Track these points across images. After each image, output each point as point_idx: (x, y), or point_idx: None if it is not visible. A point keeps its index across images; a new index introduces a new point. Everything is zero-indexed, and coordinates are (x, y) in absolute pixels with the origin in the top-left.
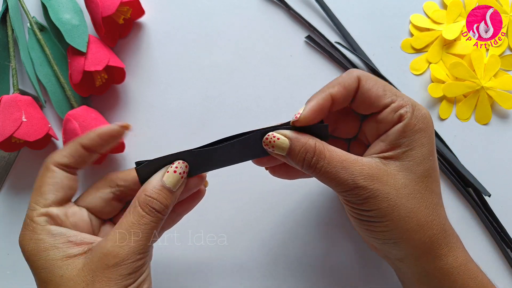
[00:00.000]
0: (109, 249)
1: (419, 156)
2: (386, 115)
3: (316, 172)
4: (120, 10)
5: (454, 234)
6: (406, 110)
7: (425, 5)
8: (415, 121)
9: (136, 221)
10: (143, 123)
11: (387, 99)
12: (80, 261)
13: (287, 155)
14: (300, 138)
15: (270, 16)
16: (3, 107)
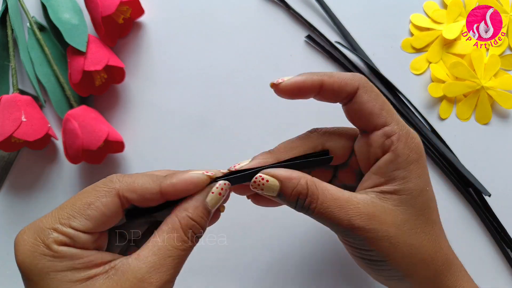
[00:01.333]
0: (145, 275)
1: (416, 188)
2: (377, 139)
3: (309, 213)
4: (119, 10)
5: (458, 263)
6: (398, 138)
7: (425, 5)
8: (408, 152)
9: (176, 246)
10: (143, 123)
11: (380, 119)
12: (101, 282)
13: (277, 196)
14: (291, 179)
15: (270, 16)
16: (2, 107)
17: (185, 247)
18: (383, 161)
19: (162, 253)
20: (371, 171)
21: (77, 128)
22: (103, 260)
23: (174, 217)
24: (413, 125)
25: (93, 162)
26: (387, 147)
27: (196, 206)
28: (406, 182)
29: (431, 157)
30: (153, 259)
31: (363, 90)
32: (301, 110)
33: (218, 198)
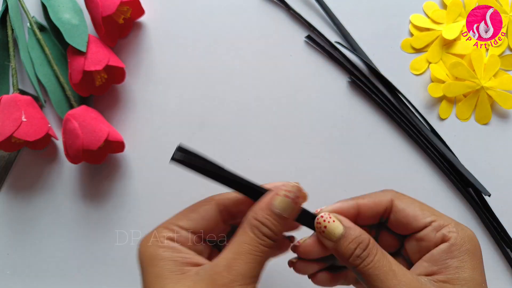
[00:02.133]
0: (220, 268)
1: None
2: (428, 233)
3: (362, 267)
4: (120, 10)
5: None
6: (450, 230)
7: (425, 5)
8: (462, 241)
9: (246, 241)
10: (143, 123)
11: (426, 218)
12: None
13: (336, 241)
14: (355, 228)
15: (270, 16)
16: (3, 107)
17: (255, 244)
18: (436, 250)
19: (234, 250)
20: (422, 259)
21: (78, 128)
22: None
23: (245, 218)
24: (413, 125)
25: (93, 162)
26: (440, 239)
27: (261, 207)
28: (460, 272)
29: (431, 157)
30: (228, 256)
31: (398, 199)
32: (301, 110)
33: (285, 200)
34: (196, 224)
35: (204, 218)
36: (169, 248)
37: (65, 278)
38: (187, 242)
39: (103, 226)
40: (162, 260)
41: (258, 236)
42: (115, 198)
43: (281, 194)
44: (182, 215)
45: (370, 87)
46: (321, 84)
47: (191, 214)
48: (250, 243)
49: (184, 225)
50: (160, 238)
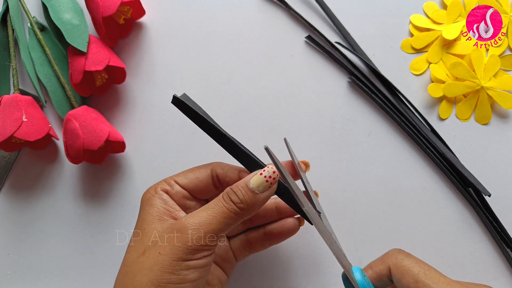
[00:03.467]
0: (180, 219)
1: None
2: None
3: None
4: (120, 10)
5: None
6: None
7: (425, 5)
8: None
9: (213, 203)
10: (144, 123)
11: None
12: (163, 225)
13: None
14: None
15: (270, 16)
16: (3, 107)
17: (219, 206)
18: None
19: (201, 208)
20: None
21: (78, 128)
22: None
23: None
24: (413, 125)
25: (94, 162)
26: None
27: (239, 182)
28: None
29: (431, 157)
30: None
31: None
32: (301, 110)
33: (260, 179)
34: (189, 182)
35: (198, 178)
36: (160, 199)
37: (65, 278)
38: (178, 195)
39: (103, 226)
40: (151, 207)
41: (225, 200)
42: (115, 198)
43: (257, 173)
44: (182, 173)
45: (370, 87)
46: (321, 84)
47: (188, 173)
48: (215, 202)
49: (179, 181)
50: (157, 188)
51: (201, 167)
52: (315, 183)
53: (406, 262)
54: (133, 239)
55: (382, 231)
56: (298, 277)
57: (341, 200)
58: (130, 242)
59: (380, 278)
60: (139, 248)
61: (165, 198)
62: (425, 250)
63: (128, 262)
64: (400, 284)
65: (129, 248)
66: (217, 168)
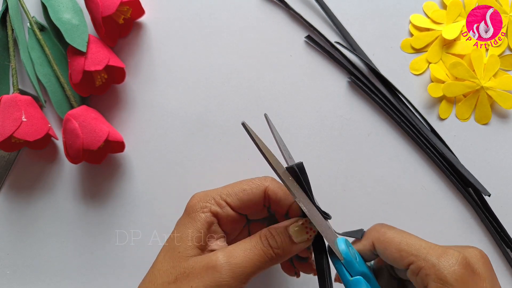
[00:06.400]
0: (217, 255)
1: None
2: (410, 276)
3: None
4: (120, 10)
5: None
6: (427, 273)
7: (425, 5)
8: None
9: (250, 244)
10: (143, 123)
11: (404, 260)
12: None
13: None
14: None
15: (270, 16)
16: (3, 107)
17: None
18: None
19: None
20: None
21: (78, 128)
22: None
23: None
24: (413, 125)
25: (93, 162)
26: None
27: (279, 225)
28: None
29: (431, 157)
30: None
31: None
32: (301, 111)
33: (300, 227)
34: (243, 205)
35: (252, 201)
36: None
37: (65, 278)
38: (227, 219)
39: (103, 226)
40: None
41: (264, 244)
42: (115, 198)
43: (299, 222)
44: (233, 191)
45: (370, 87)
46: (321, 84)
47: (241, 194)
48: (253, 244)
49: (232, 203)
50: (206, 207)
51: (254, 187)
52: (315, 183)
53: (388, 234)
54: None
55: None
56: None
57: (341, 200)
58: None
59: (364, 253)
60: (172, 271)
61: (211, 222)
62: None
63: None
64: (384, 256)
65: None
66: (270, 192)
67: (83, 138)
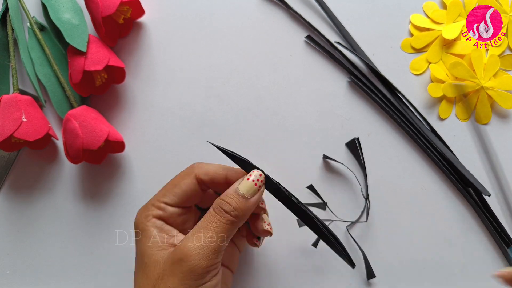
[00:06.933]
0: (179, 246)
1: None
2: None
3: None
4: (120, 10)
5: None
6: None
7: (425, 5)
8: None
9: (207, 220)
10: (143, 123)
11: None
12: (163, 255)
13: None
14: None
15: (270, 16)
16: (3, 107)
17: (214, 221)
18: None
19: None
20: None
21: (78, 128)
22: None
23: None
24: (413, 125)
25: (93, 162)
26: None
27: (227, 191)
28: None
29: (431, 157)
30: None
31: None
32: (301, 111)
33: (248, 183)
34: (179, 198)
35: (186, 192)
36: (154, 227)
37: (65, 278)
38: (173, 217)
39: (103, 226)
40: (147, 238)
41: (218, 212)
42: (115, 198)
43: (245, 178)
44: (167, 191)
45: (370, 87)
46: (321, 84)
47: (174, 189)
48: (208, 219)
49: (170, 202)
50: (149, 216)
51: (184, 177)
52: (315, 183)
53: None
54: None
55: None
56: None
57: (341, 200)
58: (136, 272)
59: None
60: (147, 284)
61: (159, 225)
62: (425, 250)
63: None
64: None
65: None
66: (201, 175)
67: (83, 138)
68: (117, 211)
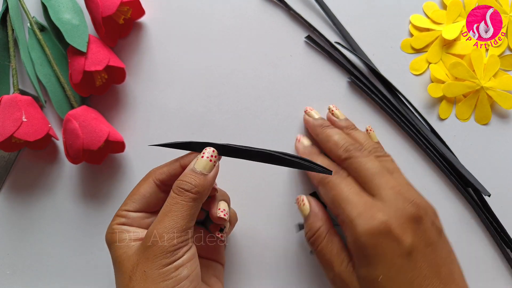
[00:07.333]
0: (147, 233)
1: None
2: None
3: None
4: (120, 10)
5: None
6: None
7: (425, 5)
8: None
9: (170, 203)
10: (143, 123)
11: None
12: (133, 249)
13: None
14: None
15: (270, 16)
16: (3, 107)
17: (175, 202)
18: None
19: (160, 213)
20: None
21: (78, 128)
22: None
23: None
24: (413, 125)
25: (93, 162)
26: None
27: (185, 172)
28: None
29: (430, 157)
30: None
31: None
32: (301, 111)
33: (203, 160)
34: (139, 204)
35: (145, 196)
36: (119, 232)
37: (65, 278)
38: (137, 221)
39: (103, 226)
40: (115, 243)
41: (178, 193)
42: (115, 198)
43: (199, 157)
44: (128, 199)
45: (370, 87)
46: (321, 84)
47: (133, 196)
48: (170, 202)
49: (130, 208)
50: (113, 226)
51: (142, 183)
52: None
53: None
54: (116, 275)
55: None
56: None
57: None
58: (115, 277)
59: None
60: (124, 279)
61: (125, 229)
62: None
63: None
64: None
65: (116, 283)
66: (158, 175)
67: (83, 138)
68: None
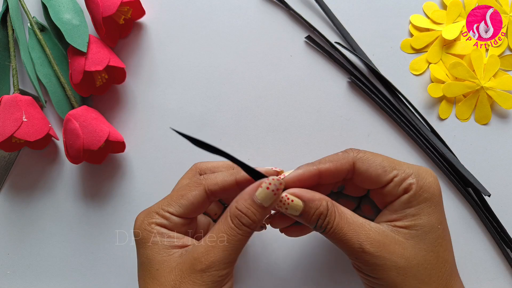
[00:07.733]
0: (199, 255)
1: (426, 225)
2: (391, 189)
3: (325, 233)
4: (120, 10)
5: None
6: (410, 181)
7: (425, 6)
8: (421, 191)
9: (225, 231)
10: (143, 123)
11: (388, 175)
12: (175, 260)
13: (300, 215)
14: (313, 200)
15: (270, 16)
16: (3, 107)
17: (233, 234)
18: (397, 202)
19: (214, 238)
20: (386, 209)
21: (78, 128)
22: (184, 243)
23: (228, 207)
24: (413, 125)
25: (94, 162)
26: (402, 192)
27: (244, 198)
28: (417, 219)
29: (430, 157)
30: (207, 242)
31: (359, 161)
32: (301, 111)
33: (268, 193)
34: (185, 210)
35: (194, 204)
36: (158, 234)
37: (65, 278)
38: (177, 227)
39: (103, 226)
40: (152, 244)
41: (237, 226)
42: (115, 198)
43: (263, 186)
44: (173, 201)
45: (370, 87)
46: (321, 84)
47: (181, 201)
48: (228, 233)
49: (175, 212)
50: (152, 224)
51: (192, 189)
52: None
53: (369, 154)
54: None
55: None
56: (304, 279)
57: None
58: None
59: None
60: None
61: (164, 232)
62: None
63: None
64: (367, 173)
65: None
66: (211, 186)
67: (83, 138)
68: (118, 211)
